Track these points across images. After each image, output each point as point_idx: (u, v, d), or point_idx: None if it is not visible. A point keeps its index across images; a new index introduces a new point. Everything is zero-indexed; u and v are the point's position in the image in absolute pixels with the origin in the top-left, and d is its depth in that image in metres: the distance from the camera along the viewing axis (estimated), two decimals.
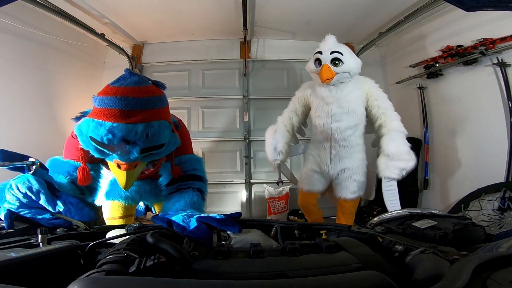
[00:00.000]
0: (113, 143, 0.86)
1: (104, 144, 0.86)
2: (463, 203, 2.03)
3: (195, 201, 1.11)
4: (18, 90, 2.13)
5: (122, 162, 0.93)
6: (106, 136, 0.85)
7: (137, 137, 0.87)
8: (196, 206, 1.08)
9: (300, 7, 2.49)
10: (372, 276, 0.38)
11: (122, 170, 0.94)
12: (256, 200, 3.18)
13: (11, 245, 0.57)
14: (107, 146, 0.87)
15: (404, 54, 2.96)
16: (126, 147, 0.88)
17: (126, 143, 0.87)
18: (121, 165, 0.93)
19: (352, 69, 1.70)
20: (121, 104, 0.85)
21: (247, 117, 3.18)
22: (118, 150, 0.89)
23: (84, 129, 0.89)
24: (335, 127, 1.71)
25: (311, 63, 1.79)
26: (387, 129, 1.65)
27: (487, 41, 1.97)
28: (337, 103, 1.70)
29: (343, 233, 0.73)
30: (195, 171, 1.21)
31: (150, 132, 0.90)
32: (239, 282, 0.37)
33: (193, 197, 1.11)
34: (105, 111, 0.86)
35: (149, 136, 0.90)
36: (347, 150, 1.77)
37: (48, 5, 2.09)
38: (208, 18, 2.71)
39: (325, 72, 1.65)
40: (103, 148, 0.88)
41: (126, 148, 0.88)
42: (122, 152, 0.89)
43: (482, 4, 0.95)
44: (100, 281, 0.36)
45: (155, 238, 0.49)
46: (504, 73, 1.93)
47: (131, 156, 0.91)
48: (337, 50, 1.68)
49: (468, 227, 0.67)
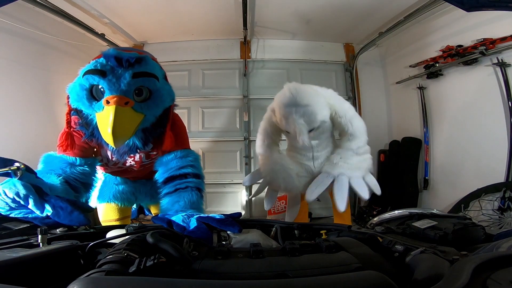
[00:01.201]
0: (107, 62, 0.90)
1: (97, 70, 0.90)
2: (463, 203, 2.03)
3: (194, 200, 1.09)
4: (18, 90, 2.12)
5: (112, 95, 0.91)
6: (104, 59, 0.90)
7: (130, 56, 0.92)
8: (195, 206, 1.07)
9: (300, 7, 2.49)
10: (372, 276, 0.38)
11: (111, 104, 0.90)
12: (256, 200, 3.18)
13: (11, 245, 0.57)
14: (100, 71, 0.90)
15: (404, 54, 2.95)
16: (118, 70, 0.91)
17: (119, 63, 0.91)
18: (110, 100, 0.91)
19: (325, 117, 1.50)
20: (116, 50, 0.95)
21: (247, 117, 3.18)
22: (110, 74, 0.91)
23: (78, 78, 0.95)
24: (315, 143, 1.63)
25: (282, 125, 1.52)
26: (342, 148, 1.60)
27: (487, 41, 1.97)
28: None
29: (343, 233, 0.73)
30: (192, 168, 1.18)
31: (143, 59, 0.95)
32: (239, 282, 0.37)
33: (192, 196, 1.10)
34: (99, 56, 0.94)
35: (142, 62, 0.95)
36: (324, 150, 1.69)
37: (48, 5, 2.09)
38: (208, 18, 2.71)
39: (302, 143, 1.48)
40: (95, 75, 0.90)
41: (118, 71, 0.91)
42: (114, 76, 0.91)
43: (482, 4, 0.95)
44: (100, 281, 0.36)
45: (155, 238, 0.49)
46: (504, 73, 1.92)
47: (122, 80, 0.92)
48: (313, 128, 1.46)
49: (468, 227, 0.67)
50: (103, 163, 1.27)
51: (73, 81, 0.99)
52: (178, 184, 1.13)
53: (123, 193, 1.42)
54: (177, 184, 1.13)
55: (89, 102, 0.95)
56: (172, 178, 1.14)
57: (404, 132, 2.96)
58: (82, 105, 0.97)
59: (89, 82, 0.94)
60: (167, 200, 1.11)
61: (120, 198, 1.40)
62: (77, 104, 0.98)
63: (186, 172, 1.15)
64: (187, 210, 0.99)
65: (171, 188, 1.12)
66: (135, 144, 1.08)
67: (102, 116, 0.93)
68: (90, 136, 1.04)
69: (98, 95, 0.96)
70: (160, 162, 1.19)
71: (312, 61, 3.22)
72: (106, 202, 1.38)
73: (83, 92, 0.95)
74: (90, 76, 0.93)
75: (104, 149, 1.18)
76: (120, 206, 1.41)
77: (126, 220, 1.47)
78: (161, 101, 1.05)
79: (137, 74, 0.95)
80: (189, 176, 1.15)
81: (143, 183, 1.50)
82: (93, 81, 0.93)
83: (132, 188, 1.46)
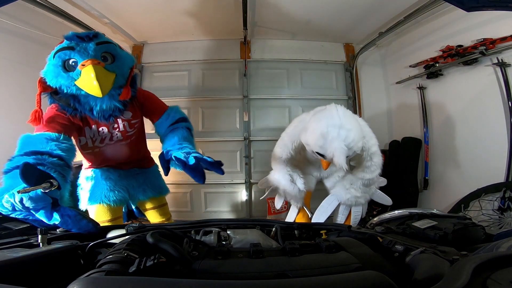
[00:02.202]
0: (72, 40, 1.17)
1: (66, 47, 1.15)
2: (463, 203, 2.03)
3: (186, 135, 1.37)
4: (18, 90, 2.12)
5: (85, 60, 1.14)
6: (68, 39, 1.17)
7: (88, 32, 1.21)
8: (188, 140, 1.35)
9: (300, 7, 2.49)
10: (372, 276, 0.38)
11: (88, 64, 1.12)
12: (256, 200, 3.18)
13: (11, 245, 0.57)
14: (68, 47, 1.15)
15: (404, 54, 2.95)
16: (83, 43, 1.17)
17: (82, 38, 1.18)
18: (85, 63, 1.13)
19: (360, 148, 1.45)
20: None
21: (247, 117, 3.18)
22: (77, 47, 1.16)
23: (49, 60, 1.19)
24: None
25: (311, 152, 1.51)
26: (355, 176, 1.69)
27: (487, 41, 1.97)
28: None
29: (343, 233, 0.73)
30: (178, 114, 1.46)
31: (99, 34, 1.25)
32: (239, 282, 0.37)
33: (184, 132, 1.38)
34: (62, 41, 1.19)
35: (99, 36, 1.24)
36: (336, 173, 1.83)
37: (48, 5, 2.09)
38: (208, 18, 2.71)
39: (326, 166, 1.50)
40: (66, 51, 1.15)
41: (83, 44, 1.17)
42: (82, 47, 1.16)
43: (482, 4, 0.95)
44: (100, 281, 0.36)
45: (155, 238, 0.49)
46: (504, 73, 1.92)
47: (89, 48, 1.17)
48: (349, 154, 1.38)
49: (468, 227, 0.67)
50: (90, 143, 1.33)
51: (44, 68, 1.19)
52: (171, 126, 1.42)
53: (115, 191, 1.41)
54: (170, 126, 1.42)
55: (66, 74, 1.15)
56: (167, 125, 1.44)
57: (404, 132, 2.96)
58: (61, 78, 1.15)
59: (61, 58, 1.15)
60: (166, 140, 1.37)
61: (112, 197, 1.39)
62: (55, 81, 1.16)
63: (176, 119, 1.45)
64: (183, 143, 1.28)
65: (167, 130, 1.41)
66: (116, 106, 1.27)
67: (83, 78, 1.14)
68: (74, 110, 1.21)
69: (70, 68, 1.16)
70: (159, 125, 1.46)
71: (312, 61, 3.21)
72: (98, 203, 1.36)
73: (59, 69, 1.15)
74: (62, 53, 1.15)
75: (90, 122, 1.29)
76: (112, 206, 1.39)
77: (118, 220, 1.46)
78: (124, 62, 1.28)
79: (99, 43, 1.21)
80: (179, 121, 1.44)
81: (135, 174, 1.53)
82: (64, 57, 1.15)
83: (125, 182, 1.47)
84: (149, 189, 1.56)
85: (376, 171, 1.65)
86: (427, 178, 2.69)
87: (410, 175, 2.79)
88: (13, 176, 0.89)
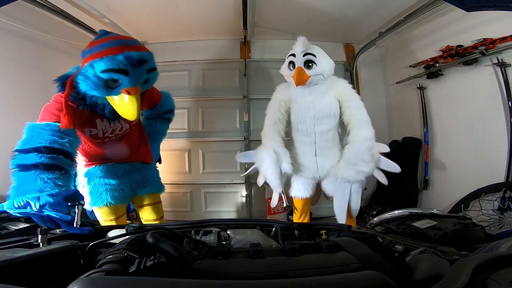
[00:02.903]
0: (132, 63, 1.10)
1: (120, 69, 1.09)
2: (463, 203, 2.03)
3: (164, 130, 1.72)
4: (18, 90, 2.12)
5: (132, 87, 1.14)
6: (126, 60, 1.09)
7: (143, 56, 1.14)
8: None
9: (300, 7, 2.49)
10: (372, 276, 0.38)
11: (132, 95, 1.14)
12: (256, 200, 3.18)
13: (11, 245, 0.57)
14: (123, 70, 1.10)
15: (404, 54, 2.95)
16: (138, 68, 1.13)
17: (139, 63, 1.13)
18: (131, 91, 1.14)
19: (326, 70, 1.67)
20: (125, 41, 1.16)
21: (247, 117, 3.18)
22: (131, 71, 1.12)
23: (91, 70, 1.09)
24: (319, 130, 1.69)
25: (285, 67, 1.77)
26: (353, 139, 1.63)
27: (487, 41, 1.97)
28: (318, 107, 1.68)
29: (343, 233, 0.73)
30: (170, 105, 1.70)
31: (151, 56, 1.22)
32: (239, 282, 0.37)
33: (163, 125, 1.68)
34: (116, 48, 1.10)
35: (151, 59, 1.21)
36: (329, 151, 1.74)
37: (48, 5, 2.09)
38: (208, 18, 2.71)
39: (298, 75, 1.63)
40: (118, 74, 1.09)
41: (138, 69, 1.14)
42: (135, 73, 1.13)
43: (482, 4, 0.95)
44: (100, 281, 0.36)
45: (155, 238, 0.49)
46: (504, 73, 1.92)
47: (140, 77, 1.17)
48: (309, 52, 1.67)
49: (468, 227, 0.67)
50: (101, 134, 1.32)
51: (82, 70, 1.12)
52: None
53: (120, 190, 1.41)
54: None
55: (106, 91, 1.14)
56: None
57: (404, 132, 2.96)
58: (97, 91, 1.14)
59: (109, 78, 1.10)
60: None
61: (118, 197, 1.39)
62: (89, 89, 1.13)
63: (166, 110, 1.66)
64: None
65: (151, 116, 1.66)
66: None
67: (122, 103, 1.16)
68: (85, 106, 1.20)
69: (110, 84, 1.13)
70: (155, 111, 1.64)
71: None
72: (104, 205, 1.36)
73: (101, 83, 1.11)
74: (113, 74, 1.09)
75: (98, 118, 1.29)
76: (118, 205, 1.40)
77: (123, 217, 1.47)
78: (153, 82, 1.35)
79: (149, 70, 1.21)
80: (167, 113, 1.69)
81: (138, 169, 1.53)
82: (114, 77, 1.10)
83: (128, 178, 1.47)
84: (150, 183, 1.57)
85: (370, 127, 1.64)
86: (427, 178, 2.69)
87: (410, 175, 2.79)
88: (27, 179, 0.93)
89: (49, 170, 0.96)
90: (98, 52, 1.10)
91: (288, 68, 1.74)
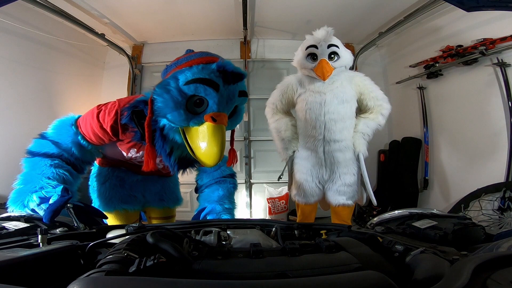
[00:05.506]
0: (226, 75, 0.83)
1: (211, 81, 0.80)
2: (463, 203, 2.03)
3: (232, 192, 1.30)
4: (18, 90, 2.13)
5: (218, 112, 0.83)
6: (218, 69, 0.82)
7: (238, 70, 0.86)
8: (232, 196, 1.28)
9: (300, 7, 2.49)
10: (372, 276, 0.38)
11: (218, 124, 0.82)
12: (256, 200, 3.18)
13: (11, 245, 0.57)
14: (213, 83, 0.81)
15: (404, 54, 2.96)
16: (231, 86, 0.84)
17: (233, 78, 0.84)
18: (216, 117, 0.81)
19: (348, 62, 1.63)
20: (219, 56, 0.92)
21: (247, 117, 3.18)
22: (222, 88, 0.83)
23: (173, 82, 0.82)
24: (329, 119, 1.54)
25: (303, 59, 1.59)
26: (371, 117, 1.64)
27: (487, 41, 1.97)
28: (331, 93, 1.56)
29: (343, 233, 0.73)
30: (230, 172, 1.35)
31: (245, 75, 0.90)
32: (239, 282, 0.37)
33: (230, 188, 1.29)
34: (209, 58, 0.87)
35: (244, 78, 0.89)
36: (339, 148, 1.60)
37: (48, 5, 2.09)
38: (208, 18, 2.71)
39: (325, 68, 1.48)
40: (206, 87, 0.80)
41: (231, 87, 0.84)
42: (226, 92, 0.83)
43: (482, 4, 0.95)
44: (100, 281, 0.36)
45: (155, 238, 0.49)
46: (504, 73, 1.92)
47: (231, 100, 0.85)
48: (334, 43, 1.55)
49: (468, 227, 0.67)
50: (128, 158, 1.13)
51: (162, 82, 0.85)
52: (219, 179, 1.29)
53: (132, 196, 1.28)
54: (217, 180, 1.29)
55: (186, 116, 0.82)
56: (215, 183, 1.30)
57: (404, 132, 2.97)
58: (174, 115, 0.82)
59: (196, 92, 0.81)
60: (207, 190, 1.28)
61: (130, 203, 1.27)
62: (166, 112, 0.83)
63: (226, 176, 1.31)
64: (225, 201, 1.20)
65: (211, 181, 1.29)
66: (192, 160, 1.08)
67: (202, 134, 0.83)
68: (140, 139, 0.93)
69: (192, 107, 0.83)
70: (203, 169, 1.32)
71: None
72: (115, 210, 1.24)
73: (182, 101, 0.81)
74: (201, 86, 0.80)
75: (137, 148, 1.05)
76: (130, 212, 1.26)
77: None
78: (240, 119, 0.99)
79: (241, 92, 0.89)
80: (228, 176, 1.31)
81: (154, 181, 1.37)
82: (201, 93, 0.81)
83: (142, 187, 1.32)
84: (167, 197, 1.42)
85: (387, 104, 1.65)
86: (427, 178, 2.69)
87: (410, 175, 2.79)
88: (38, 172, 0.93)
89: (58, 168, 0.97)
90: (186, 62, 0.86)
91: (307, 61, 1.57)
